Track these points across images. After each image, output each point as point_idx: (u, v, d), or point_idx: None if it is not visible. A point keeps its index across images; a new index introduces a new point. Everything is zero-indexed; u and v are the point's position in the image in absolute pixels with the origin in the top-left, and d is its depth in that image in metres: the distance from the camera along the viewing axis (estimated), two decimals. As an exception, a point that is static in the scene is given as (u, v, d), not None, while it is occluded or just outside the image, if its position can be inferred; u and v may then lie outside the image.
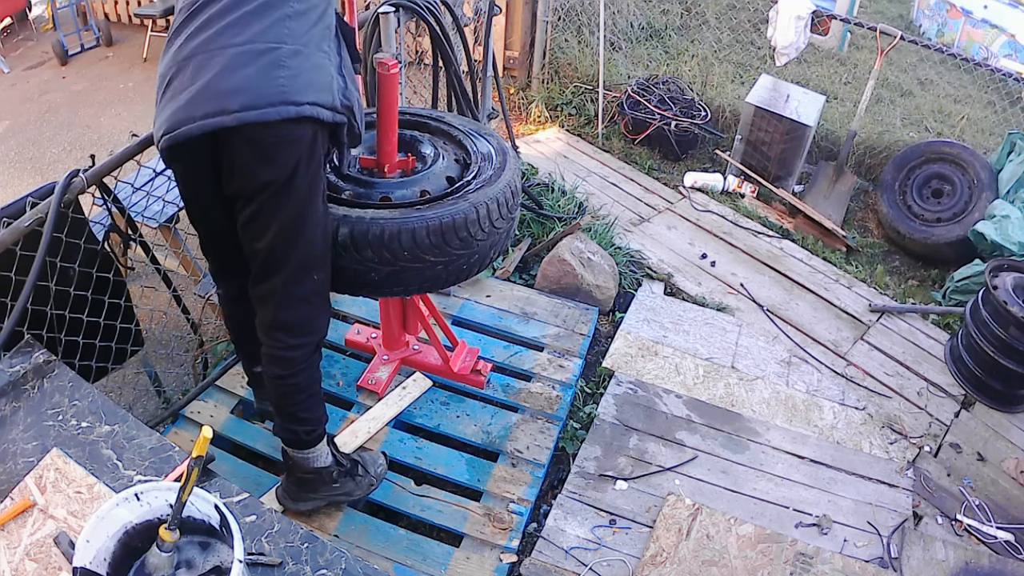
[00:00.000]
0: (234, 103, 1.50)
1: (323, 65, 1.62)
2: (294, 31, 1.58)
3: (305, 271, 1.69)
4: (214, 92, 1.51)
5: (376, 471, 2.15)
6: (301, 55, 1.58)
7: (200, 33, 1.55)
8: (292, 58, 1.57)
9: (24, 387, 1.67)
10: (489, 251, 1.96)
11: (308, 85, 1.57)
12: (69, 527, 1.42)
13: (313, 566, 1.42)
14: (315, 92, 1.58)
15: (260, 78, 1.53)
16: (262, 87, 1.52)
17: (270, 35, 1.56)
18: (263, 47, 1.55)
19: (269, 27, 1.56)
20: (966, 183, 4.03)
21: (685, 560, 2.15)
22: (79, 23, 5.96)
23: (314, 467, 1.96)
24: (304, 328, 1.76)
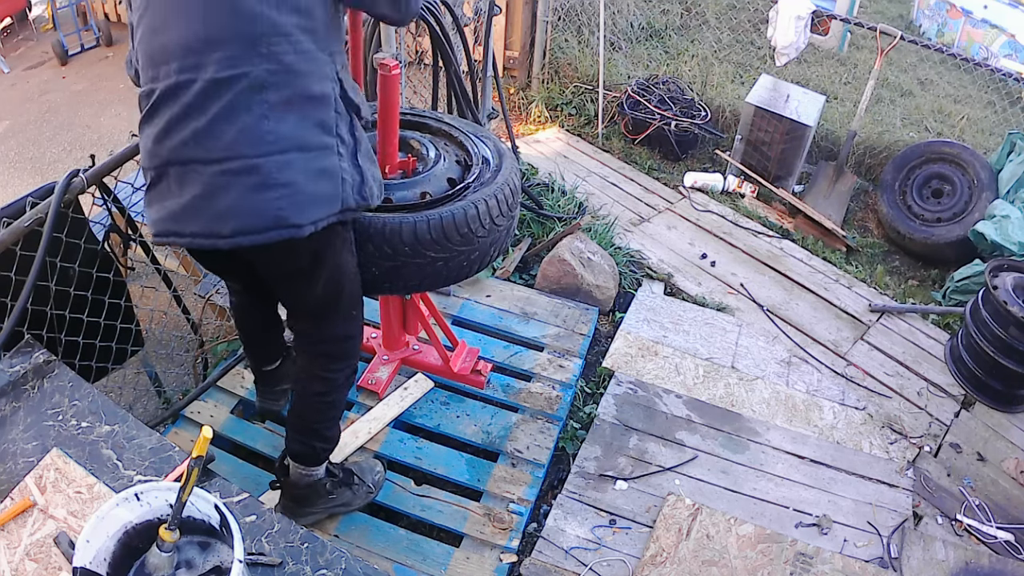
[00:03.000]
0: (225, 228, 1.36)
1: (328, 168, 1.41)
2: (279, 134, 1.35)
3: (345, 315, 1.73)
4: (202, 212, 1.36)
5: (373, 479, 2.14)
6: (294, 166, 1.37)
7: (171, 134, 1.36)
8: (283, 171, 1.35)
9: (24, 387, 1.67)
10: (489, 249, 1.96)
11: (311, 201, 1.39)
12: (69, 527, 1.42)
13: (313, 566, 1.42)
14: (320, 207, 1.41)
15: (248, 203, 1.35)
16: (253, 212, 1.35)
17: (247, 146, 1.34)
18: (240, 165, 1.34)
19: (244, 135, 1.33)
20: (966, 183, 4.03)
21: (685, 560, 2.15)
22: (79, 23, 5.96)
23: (308, 482, 1.96)
24: (347, 355, 1.82)
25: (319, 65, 1.40)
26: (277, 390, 2.26)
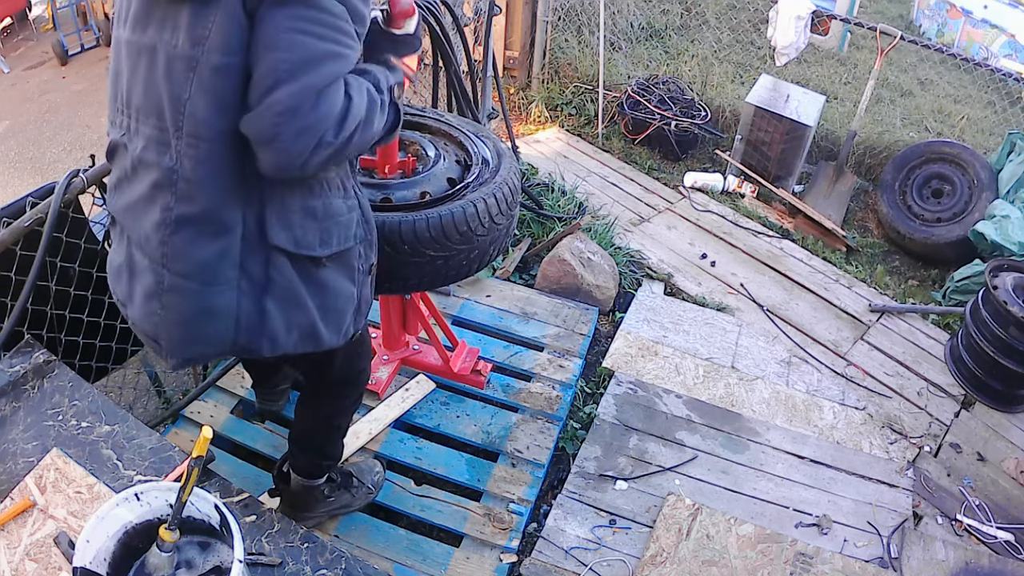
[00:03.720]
0: (130, 306, 1.31)
1: (217, 307, 1.23)
2: (174, 248, 1.19)
3: (352, 354, 1.66)
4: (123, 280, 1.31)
5: (373, 480, 2.13)
6: (183, 291, 1.22)
7: (118, 190, 1.27)
8: (172, 293, 1.22)
9: (24, 387, 1.68)
10: (489, 248, 1.96)
11: (187, 340, 1.27)
12: (69, 527, 1.42)
13: (313, 566, 1.42)
14: (197, 347, 1.28)
15: (146, 305, 1.26)
16: (146, 314, 1.27)
17: (150, 247, 1.22)
18: (147, 263, 1.23)
19: (151, 234, 1.21)
20: (966, 183, 4.03)
21: (685, 560, 2.15)
22: (79, 23, 5.96)
23: (308, 488, 1.95)
24: (356, 382, 1.79)
25: (231, 187, 1.19)
26: (276, 390, 2.26)
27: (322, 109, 1.09)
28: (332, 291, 1.36)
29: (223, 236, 1.20)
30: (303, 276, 1.29)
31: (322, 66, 1.09)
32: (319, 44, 1.09)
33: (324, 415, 1.83)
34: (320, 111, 1.09)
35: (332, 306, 1.36)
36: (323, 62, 1.09)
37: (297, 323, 1.32)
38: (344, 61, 1.13)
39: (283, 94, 1.07)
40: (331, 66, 1.10)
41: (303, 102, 1.07)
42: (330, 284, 1.35)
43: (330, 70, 1.10)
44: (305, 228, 1.27)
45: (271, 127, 1.08)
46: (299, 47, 1.07)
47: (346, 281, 1.39)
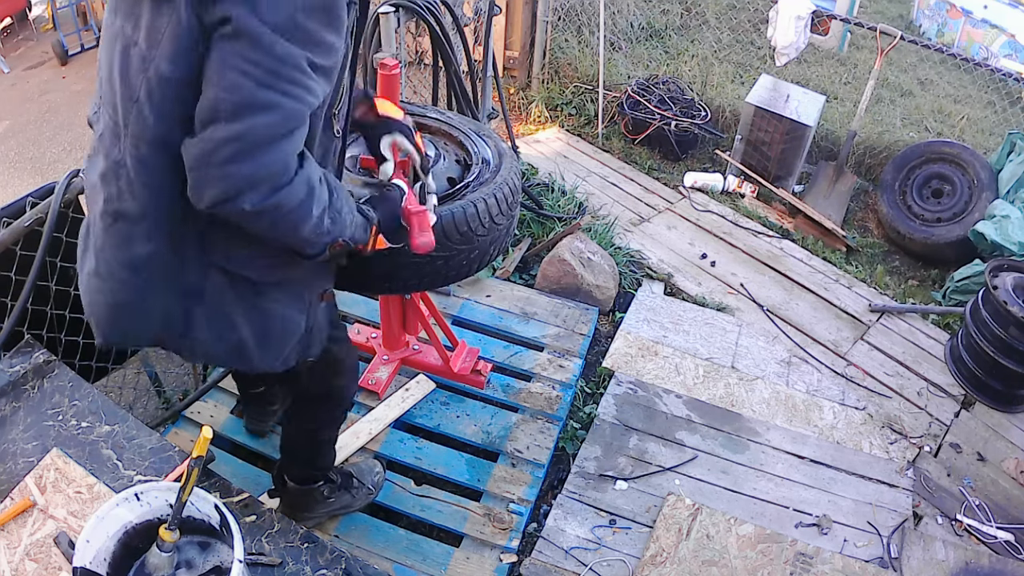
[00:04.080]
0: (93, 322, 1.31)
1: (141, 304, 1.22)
2: (113, 241, 1.21)
3: (329, 370, 1.63)
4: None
5: (373, 480, 2.13)
6: (113, 280, 1.22)
7: (87, 172, 1.26)
8: (103, 279, 1.24)
9: (24, 387, 1.67)
10: (489, 248, 1.96)
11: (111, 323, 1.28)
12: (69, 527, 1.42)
13: (313, 566, 1.42)
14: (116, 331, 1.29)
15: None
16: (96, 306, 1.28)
17: (97, 231, 1.22)
18: (92, 243, 1.25)
19: (97, 218, 1.22)
20: (966, 183, 4.03)
21: (685, 560, 2.15)
22: (79, 23, 5.96)
23: (304, 488, 1.95)
24: (337, 398, 1.77)
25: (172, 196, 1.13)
26: (265, 411, 2.25)
27: (256, 166, 1.02)
28: (272, 317, 1.31)
29: (157, 240, 1.17)
30: (239, 297, 1.26)
31: (264, 115, 1.00)
32: (262, 92, 1.00)
33: (308, 428, 1.82)
34: (252, 167, 1.01)
35: (270, 331, 1.32)
36: (266, 111, 1.00)
37: (225, 339, 1.28)
38: (288, 114, 1.03)
39: (218, 133, 1.00)
40: (274, 117, 1.01)
41: (238, 151, 1.00)
42: (270, 310, 1.30)
43: (273, 121, 1.01)
44: (247, 253, 1.23)
45: (197, 160, 1.03)
46: (238, 90, 0.99)
47: (291, 310, 1.34)
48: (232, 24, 0.98)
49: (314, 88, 1.06)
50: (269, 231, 1.13)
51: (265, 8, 0.98)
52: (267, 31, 0.98)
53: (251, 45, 0.98)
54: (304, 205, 1.11)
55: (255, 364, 1.35)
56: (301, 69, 1.02)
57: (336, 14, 1.05)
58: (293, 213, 1.10)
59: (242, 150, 1.01)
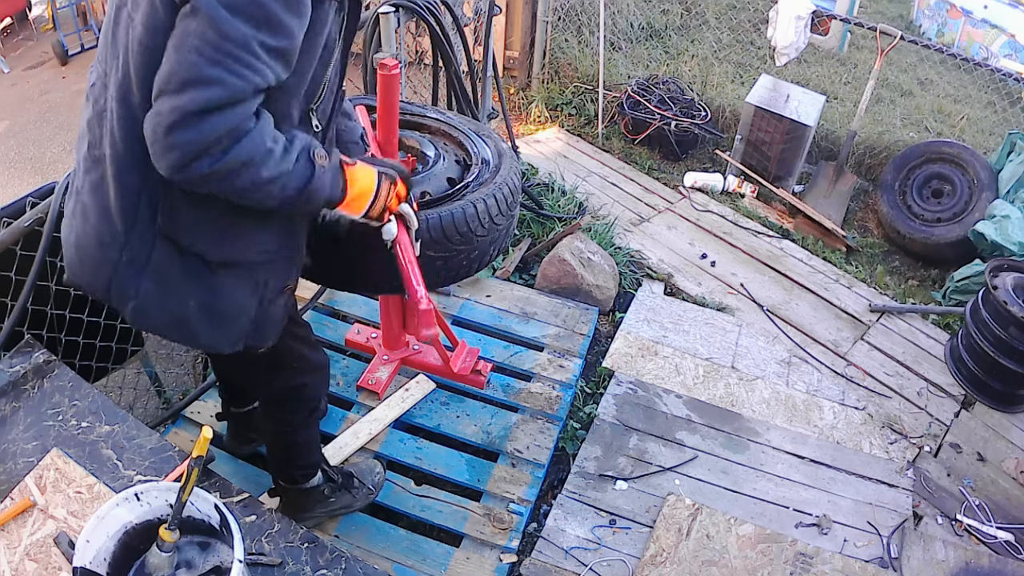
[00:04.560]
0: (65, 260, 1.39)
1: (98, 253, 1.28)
2: (88, 186, 1.29)
3: (279, 367, 1.62)
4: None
5: (373, 480, 2.13)
6: (83, 220, 1.30)
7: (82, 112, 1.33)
8: (76, 218, 1.32)
9: (24, 387, 1.67)
10: (489, 248, 1.95)
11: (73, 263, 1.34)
12: (69, 527, 1.42)
13: (313, 566, 1.42)
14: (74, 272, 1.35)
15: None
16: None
17: (79, 172, 1.32)
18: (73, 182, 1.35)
19: (80, 160, 1.32)
20: (966, 183, 4.03)
21: (685, 560, 2.15)
22: (79, 23, 5.96)
23: (305, 490, 1.95)
24: (302, 399, 1.75)
25: (137, 159, 1.19)
26: (244, 436, 2.22)
27: (198, 133, 1.06)
28: (222, 296, 1.33)
29: (120, 197, 1.23)
30: (189, 272, 1.28)
31: (206, 90, 1.05)
32: (209, 69, 1.05)
33: (278, 432, 1.81)
34: (195, 134, 1.06)
35: (219, 311, 1.34)
36: (209, 86, 1.05)
37: (168, 310, 1.31)
38: (231, 90, 1.07)
39: (165, 105, 1.06)
40: (217, 92, 1.06)
41: (179, 119, 1.05)
42: (221, 289, 1.32)
43: (215, 96, 1.06)
44: (198, 229, 1.26)
45: (151, 131, 1.08)
46: (189, 66, 1.05)
47: (243, 292, 1.35)
48: (191, 2, 1.04)
49: (262, 70, 1.09)
50: (233, 193, 1.16)
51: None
52: (221, 10, 1.03)
53: (206, 23, 1.03)
54: (260, 163, 1.14)
55: (199, 341, 1.37)
56: (250, 50, 1.06)
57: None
58: (248, 171, 1.13)
59: (184, 119, 1.05)
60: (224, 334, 1.38)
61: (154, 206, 1.23)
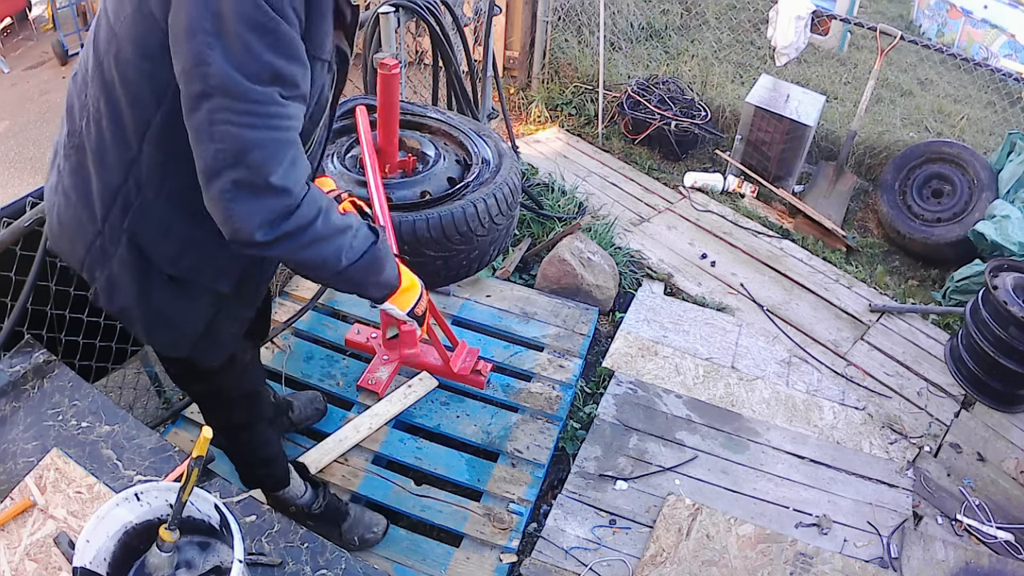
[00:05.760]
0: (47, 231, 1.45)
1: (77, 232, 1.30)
2: (70, 167, 1.29)
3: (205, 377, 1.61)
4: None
5: (362, 535, 2.04)
6: (66, 199, 1.31)
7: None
8: (58, 195, 1.33)
9: (24, 387, 1.67)
10: (489, 248, 1.96)
11: (54, 236, 1.37)
12: (69, 527, 1.42)
13: (313, 566, 1.42)
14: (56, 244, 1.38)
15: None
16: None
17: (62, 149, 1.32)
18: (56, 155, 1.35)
19: (64, 137, 1.31)
20: (966, 183, 4.03)
21: (685, 560, 2.15)
22: (79, 23, 5.96)
23: (297, 504, 1.94)
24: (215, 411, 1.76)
25: (116, 158, 1.20)
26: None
27: (259, 203, 1.08)
28: (172, 306, 1.35)
29: (100, 188, 1.24)
30: (147, 274, 1.30)
31: (257, 153, 1.06)
32: (249, 132, 1.05)
33: (223, 446, 1.83)
34: (256, 204, 1.08)
35: (167, 316, 1.36)
36: (258, 149, 1.07)
37: (124, 301, 1.33)
38: (280, 143, 1.09)
39: (225, 183, 1.06)
40: (266, 152, 1.07)
41: (245, 191, 1.07)
42: (173, 300, 1.34)
43: (267, 155, 1.07)
44: (161, 242, 1.27)
45: (221, 216, 1.10)
46: (231, 138, 1.05)
47: (193, 309, 1.38)
48: (204, 87, 1.04)
49: (291, 114, 1.11)
50: (298, 259, 1.20)
51: (232, 57, 1.02)
52: (239, 79, 1.03)
53: (227, 96, 1.03)
54: (316, 226, 1.17)
55: (143, 337, 1.42)
56: (276, 102, 1.07)
57: (286, 43, 1.07)
58: (309, 234, 1.16)
59: (249, 189, 1.07)
60: (171, 340, 1.42)
61: (126, 208, 1.24)
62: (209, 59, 1.01)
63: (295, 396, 2.40)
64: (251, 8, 1.01)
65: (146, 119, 1.16)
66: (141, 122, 1.16)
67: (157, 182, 1.22)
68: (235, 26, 1.01)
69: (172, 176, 1.20)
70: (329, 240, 1.20)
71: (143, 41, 1.10)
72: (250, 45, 1.02)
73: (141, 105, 1.15)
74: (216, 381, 1.62)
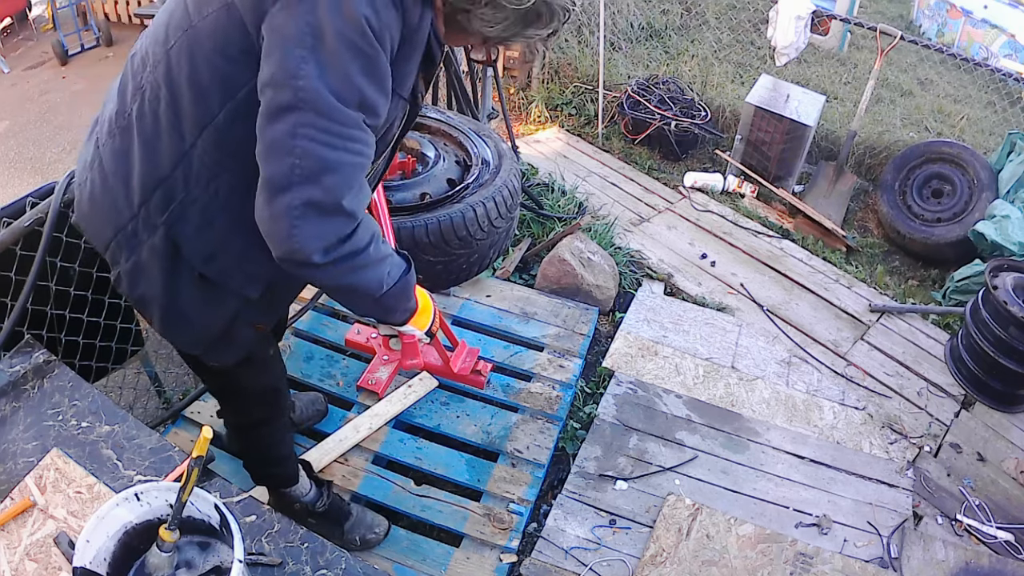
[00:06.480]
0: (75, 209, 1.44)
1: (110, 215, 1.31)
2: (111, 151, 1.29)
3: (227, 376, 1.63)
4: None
5: (363, 535, 2.04)
6: (102, 179, 1.31)
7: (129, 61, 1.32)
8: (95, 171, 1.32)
9: (24, 387, 1.67)
10: (488, 251, 1.96)
11: (83, 215, 1.38)
12: (69, 527, 1.42)
13: (313, 566, 1.42)
14: (86, 224, 1.38)
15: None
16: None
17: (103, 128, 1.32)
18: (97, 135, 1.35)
19: (113, 115, 1.30)
20: (966, 183, 4.03)
21: (685, 560, 2.15)
22: (79, 23, 5.96)
23: (301, 502, 1.95)
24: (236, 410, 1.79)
25: (164, 150, 1.21)
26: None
27: (322, 223, 1.08)
28: (195, 303, 1.35)
29: (142, 175, 1.23)
30: (176, 268, 1.30)
31: (331, 176, 1.06)
32: (329, 152, 1.06)
33: (234, 443, 1.86)
34: (320, 225, 1.08)
35: (189, 315, 1.36)
36: (333, 172, 1.07)
37: (147, 290, 1.33)
38: (353, 169, 1.10)
39: (296, 199, 1.05)
40: (339, 176, 1.08)
41: (312, 210, 1.07)
42: (197, 297, 1.34)
43: (339, 180, 1.08)
44: (197, 240, 1.27)
45: (277, 231, 1.09)
46: (310, 155, 1.04)
47: (216, 311, 1.37)
48: (293, 98, 1.03)
49: (369, 141, 1.12)
50: (354, 280, 1.20)
51: (327, 75, 1.02)
52: (330, 98, 1.03)
53: (315, 113, 1.03)
54: (368, 251, 1.18)
55: (160, 330, 1.41)
56: (360, 127, 1.08)
57: (380, 72, 1.08)
58: (360, 259, 1.17)
59: (318, 210, 1.07)
60: (187, 337, 1.42)
61: (168, 200, 1.24)
62: (303, 73, 1.01)
63: (296, 396, 2.40)
64: (354, 32, 1.01)
65: (209, 116, 1.15)
66: (203, 117, 1.16)
67: (205, 180, 1.21)
68: (335, 45, 1.01)
69: (222, 177, 1.20)
70: (376, 266, 1.21)
71: (224, 41, 1.09)
72: (346, 67, 1.02)
73: (206, 102, 1.14)
74: (235, 376, 1.62)
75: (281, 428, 1.83)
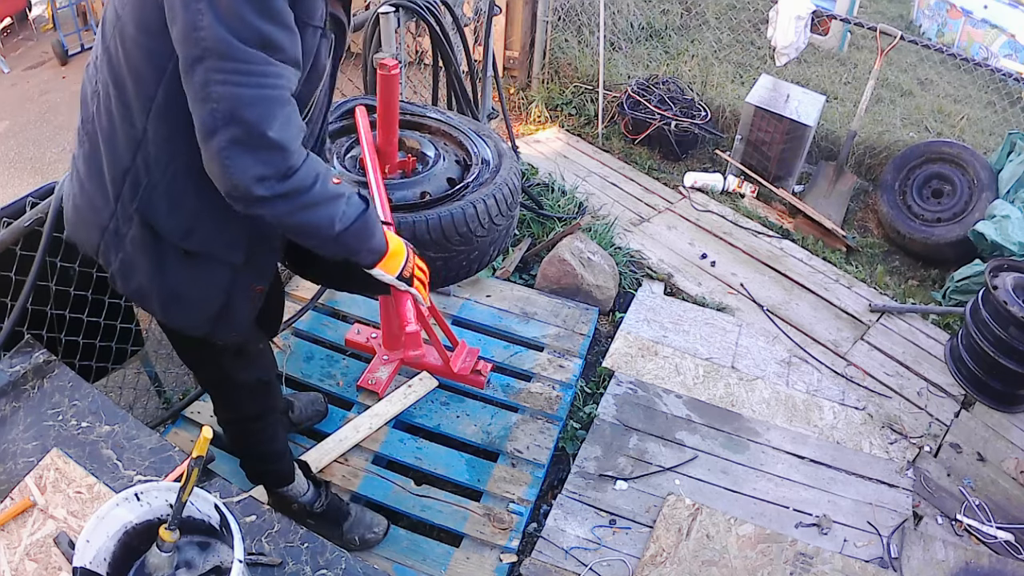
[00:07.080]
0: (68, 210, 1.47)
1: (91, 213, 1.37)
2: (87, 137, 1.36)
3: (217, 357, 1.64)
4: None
5: (362, 535, 2.04)
6: (83, 179, 1.36)
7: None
8: (80, 160, 1.38)
9: (24, 387, 1.67)
10: (489, 249, 1.96)
11: (70, 209, 1.42)
12: (69, 527, 1.42)
13: (313, 566, 1.42)
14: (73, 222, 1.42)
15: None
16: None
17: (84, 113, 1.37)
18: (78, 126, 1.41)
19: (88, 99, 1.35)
20: (966, 183, 4.03)
21: (685, 560, 2.15)
22: (79, 23, 5.96)
23: (299, 502, 1.96)
24: (225, 398, 1.80)
25: (123, 132, 1.25)
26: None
27: (256, 156, 1.12)
28: (189, 282, 1.38)
29: (111, 170, 1.29)
30: (161, 253, 1.33)
31: (252, 110, 1.10)
32: (244, 91, 1.09)
33: (230, 440, 1.88)
34: (254, 157, 1.12)
35: (185, 294, 1.39)
36: (252, 106, 1.10)
37: (141, 281, 1.37)
38: (273, 99, 1.13)
39: (222, 141, 1.10)
40: (260, 108, 1.11)
41: (241, 147, 1.11)
42: (189, 275, 1.37)
43: (262, 112, 1.11)
44: (171, 217, 1.31)
45: (218, 174, 1.13)
46: (226, 98, 1.09)
47: (209, 283, 1.40)
48: (200, 49, 1.08)
49: (283, 73, 1.14)
50: (294, 221, 1.22)
51: (223, 21, 1.07)
52: (233, 41, 1.07)
53: (220, 57, 1.08)
54: (314, 190, 1.21)
55: (158, 314, 1.44)
56: (269, 63, 1.12)
57: (274, 10, 1.11)
58: (307, 197, 1.20)
59: (244, 144, 1.11)
60: (189, 317, 1.44)
61: (136, 188, 1.28)
62: (202, 24, 1.06)
63: (296, 396, 2.40)
64: None
65: (150, 96, 1.20)
66: (145, 99, 1.20)
67: (164, 160, 1.25)
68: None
69: (178, 152, 1.24)
70: (325, 205, 1.24)
71: (144, 19, 1.14)
72: (240, 10, 1.07)
73: (144, 82, 1.19)
74: (228, 366, 1.64)
75: (274, 423, 1.85)
